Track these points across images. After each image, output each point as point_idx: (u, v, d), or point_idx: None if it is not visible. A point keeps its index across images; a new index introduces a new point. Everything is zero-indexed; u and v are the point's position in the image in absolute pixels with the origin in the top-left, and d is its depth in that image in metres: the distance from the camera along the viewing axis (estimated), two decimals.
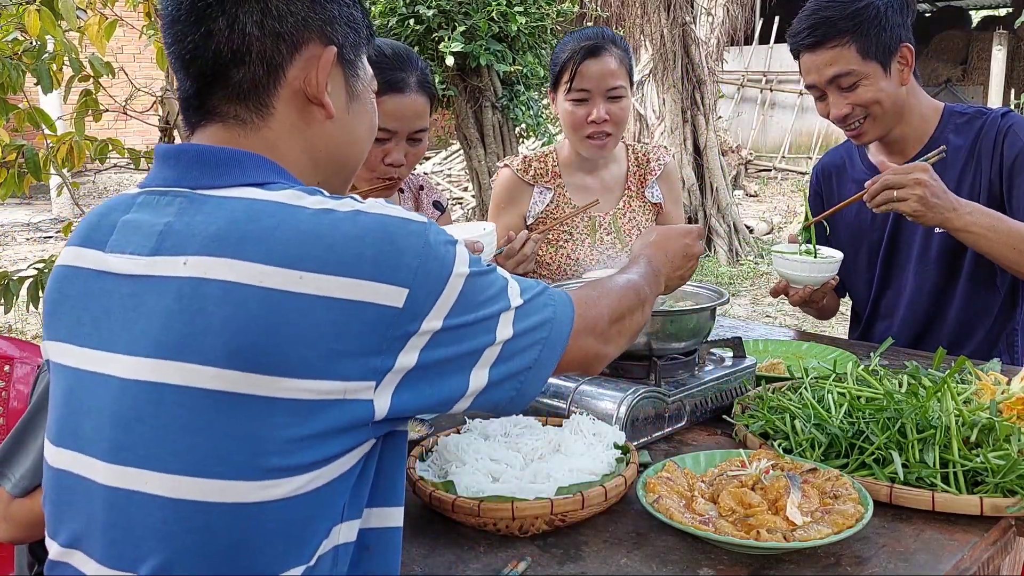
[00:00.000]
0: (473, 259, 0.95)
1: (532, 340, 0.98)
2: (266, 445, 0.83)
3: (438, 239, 0.91)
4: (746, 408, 1.54)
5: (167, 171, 0.97)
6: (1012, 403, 1.40)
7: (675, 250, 1.39)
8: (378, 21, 5.78)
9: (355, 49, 1.05)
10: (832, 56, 1.91)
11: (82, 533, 0.91)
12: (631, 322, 1.16)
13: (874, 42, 1.89)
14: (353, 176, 1.12)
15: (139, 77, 4.36)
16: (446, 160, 11.02)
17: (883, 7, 1.89)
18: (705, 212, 8.19)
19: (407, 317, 0.87)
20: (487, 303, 0.94)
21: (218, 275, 0.84)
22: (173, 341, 0.85)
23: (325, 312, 0.83)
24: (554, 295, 1.04)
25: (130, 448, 0.87)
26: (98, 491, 0.89)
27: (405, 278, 0.86)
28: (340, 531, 0.91)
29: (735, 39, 9.77)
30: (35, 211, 10.14)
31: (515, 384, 0.98)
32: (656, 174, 2.39)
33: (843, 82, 1.92)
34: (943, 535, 1.16)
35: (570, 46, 2.19)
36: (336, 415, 0.85)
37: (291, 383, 0.83)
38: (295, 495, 0.85)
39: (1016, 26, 8.25)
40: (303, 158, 1.01)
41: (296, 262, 0.84)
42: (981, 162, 1.98)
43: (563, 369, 1.05)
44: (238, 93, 0.97)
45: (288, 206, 0.88)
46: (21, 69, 2.41)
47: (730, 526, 1.12)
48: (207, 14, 0.95)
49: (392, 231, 0.88)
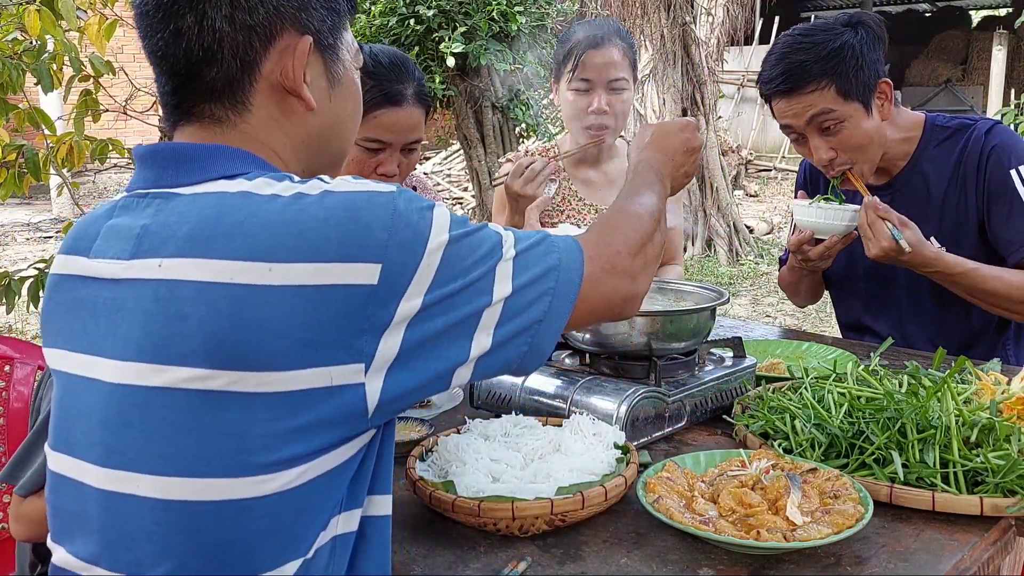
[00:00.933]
0: (456, 219, 0.91)
1: (538, 292, 0.93)
2: (253, 441, 0.82)
3: (410, 206, 0.87)
4: (746, 408, 1.54)
5: (146, 172, 0.95)
6: (1012, 403, 1.40)
7: (674, 147, 1.31)
8: (378, 21, 5.78)
9: (334, 32, 1.01)
10: (811, 100, 1.83)
11: (81, 537, 0.91)
12: (652, 247, 1.08)
13: (853, 82, 1.81)
14: (340, 165, 1.09)
15: (139, 77, 4.34)
16: (446, 160, 11.02)
17: (859, 46, 1.82)
18: (705, 212, 8.19)
19: (385, 293, 0.84)
20: (477, 264, 0.90)
21: (191, 276, 0.83)
22: (153, 344, 0.84)
23: (295, 301, 0.81)
24: (557, 241, 0.98)
25: (120, 451, 0.86)
26: (92, 494, 0.89)
27: (376, 253, 0.83)
28: (339, 521, 0.90)
29: (735, 39, 9.75)
30: (35, 211, 10.14)
31: (525, 340, 0.93)
32: None
33: (823, 122, 1.84)
34: (943, 535, 1.16)
35: (575, 36, 2.21)
36: (324, 405, 0.84)
37: (272, 376, 0.82)
38: (287, 489, 0.84)
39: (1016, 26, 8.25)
40: (285, 149, 0.99)
41: (264, 254, 0.82)
42: (966, 184, 1.94)
43: (589, 318, 0.99)
44: (212, 92, 0.95)
45: (256, 196, 0.86)
46: (21, 69, 2.41)
47: (730, 526, 1.11)
48: (174, 10, 0.92)
49: (357, 206, 0.85)
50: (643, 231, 1.07)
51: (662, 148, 1.30)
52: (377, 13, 5.80)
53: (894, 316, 2.11)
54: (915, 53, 16.08)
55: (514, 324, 0.92)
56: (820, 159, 1.90)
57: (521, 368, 0.96)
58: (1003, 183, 1.89)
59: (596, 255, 1.00)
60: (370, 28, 5.76)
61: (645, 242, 1.06)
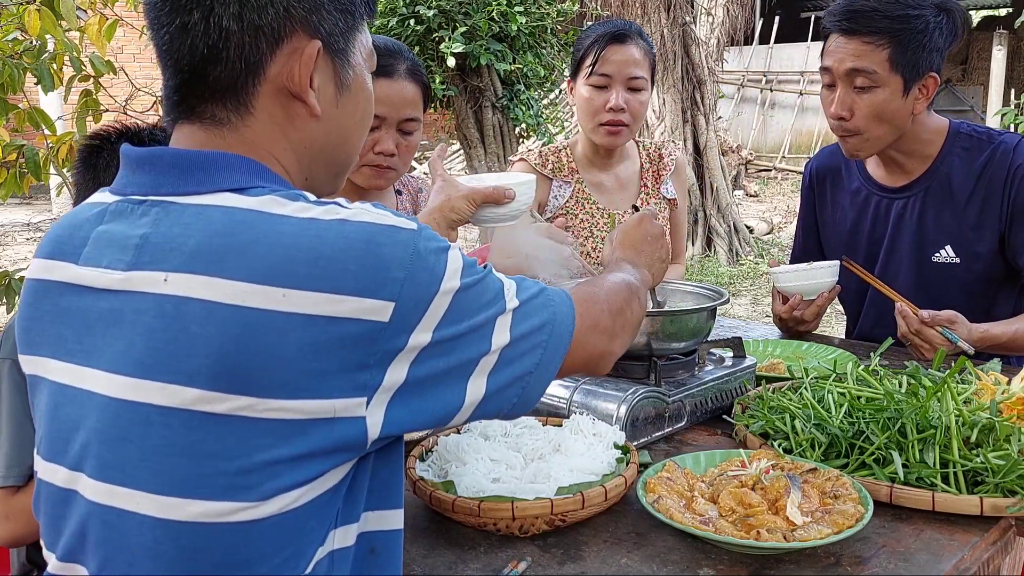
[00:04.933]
0: (467, 264, 0.90)
1: (532, 344, 0.94)
2: (252, 466, 0.81)
3: (428, 247, 0.86)
4: (746, 408, 1.54)
5: (142, 177, 0.91)
6: (1012, 403, 1.40)
7: (638, 240, 1.37)
8: (378, 21, 5.79)
9: (346, 36, 0.97)
10: (861, 49, 1.81)
11: (77, 548, 0.90)
12: (631, 315, 1.13)
13: (909, 56, 1.80)
14: (346, 173, 1.07)
15: (139, 77, 4.35)
16: (446, 160, 11.02)
17: (932, 24, 1.80)
18: (705, 212, 8.19)
19: (394, 331, 0.83)
20: (480, 309, 0.89)
21: (199, 294, 0.81)
22: (155, 361, 0.82)
23: (306, 330, 0.80)
24: (553, 295, 1.00)
25: (118, 467, 0.85)
26: (91, 509, 0.87)
27: (391, 292, 0.82)
28: (335, 536, 0.89)
29: (735, 39, 9.76)
30: (35, 211, 10.14)
31: (516, 391, 0.94)
32: (670, 170, 2.41)
33: (859, 80, 1.83)
34: (943, 535, 1.16)
35: (596, 32, 2.21)
36: (325, 435, 0.82)
37: (276, 403, 0.80)
38: (285, 511, 0.83)
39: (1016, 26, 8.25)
40: (288, 156, 0.96)
41: (277, 278, 0.80)
42: (990, 195, 1.93)
43: (569, 371, 1.02)
44: (215, 92, 0.92)
45: (268, 215, 0.84)
46: (21, 69, 2.41)
47: (730, 526, 1.12)
48: (181, 5, 0.89)
49: (378, 241, 0.83)
50: (623, 298, 1.13)
51: (628, 245, 1.37)
52: (377, 13, 5.82)
53: None
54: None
55: (508, 373, 0.92)
56: (836, 112, 1.88)
57: (510, 415, 0.97)
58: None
59: (585, 311, 1.03)
60: (370, 28, 5.77)
61: (624, 308, 1.11)
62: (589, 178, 2.35)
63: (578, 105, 2.26)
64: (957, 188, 1.95)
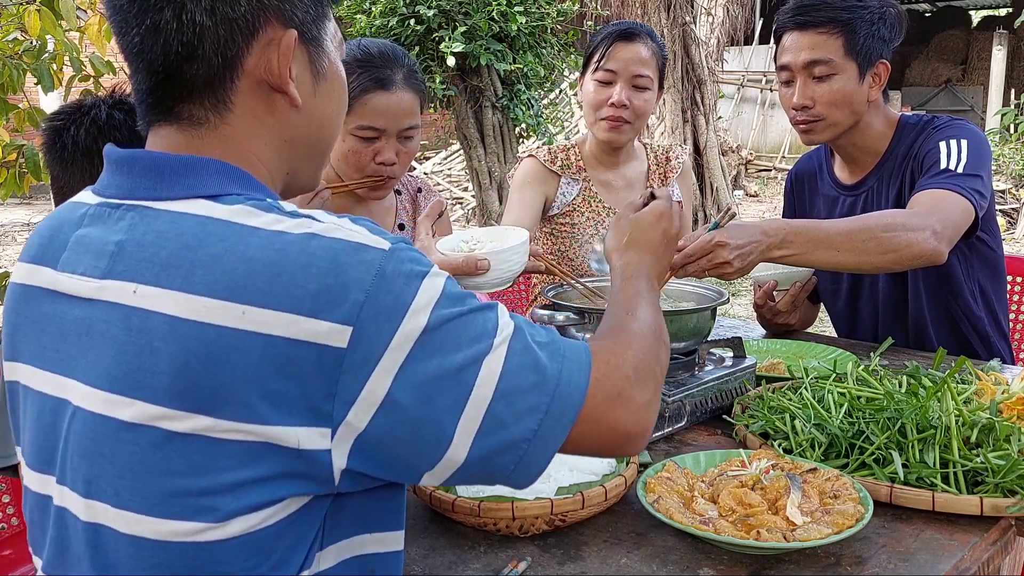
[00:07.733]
0: (449, 295, 0.82)
1: (527, 405, 0.82)
2: (215, 487, 0.79)
3: (398, 269, 0.79)
4: (746, 408, 1.54)
5: (120, 179, 0.89)
6: (1012, 403, 1.40)
7: (656, 242, 1.23)
8: (378, 21, 5.78)
9: (318, 23, 0.94)
10: (816, 41, 1.89)
11: (60, 558, 0.90)
12: (660, 371, 0.97)
13: (861, 43, 1.87)
14: (326, 158, 1.04)
15: None
16: (446, 160, 11.03)
17: (878, 15, 1.89)
18: (705, 212, 8.20)
19: (355, 360, 0.77)
20: (458, 348, 0.80)
21: (163, 308, 0.79)
22: (123, 374, 0.80)
23: (266, 350, 0.76)
24: (566, 348, 0.87)
25: (95, 481, 0.83)
26: (76, 524, 0.86)
27: (347, 314, 0.76)
28: (320, 558, 0.86)
29: (735, 39, 9.77)
30: (35, 211, 10.14)
31: (511, 458, 0.83)
32: (677, 172, 2.44)
33: (818, 70, 1.89)
34: (943, 535, 1.16)
35: (607, 30, 2.25)
36: (290, 462, 0.79)
37: (236, 425, 0.77)
38: (251, 531, 0.80)
39: (1016, 26, 8.25)
40: (268, 151, 0.93)
41: (238, 294, 0.77)
42: (905, 178, 1.96)
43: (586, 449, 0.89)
44: (192, 91, 0.89)
45: (238, 227, 0.81)
46: (21, 69, 2.41)
47: (730, 526, 1.12)
48: (151, 4, 0.85)
49: (341, 260, 0.78)
50: (651, 350, 0.96)
51: (645, 247, 1.21)
52: (377, 13, 5.80)
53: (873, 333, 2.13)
54: (915, 53, 16.08)
55: (497, 439, 0.82)
56: (798, 103, 1.94)
57: (508, 484, 0.87)
58: (924, 153, 1.90)
59: (602, 376, 0.87)
60: (370, 29, 5.76)
61: (653, 365, 0.95)
62: (596, 177, 2.37)
63: (583, 100, 2.29)
64: (898, 168, 1.99)
